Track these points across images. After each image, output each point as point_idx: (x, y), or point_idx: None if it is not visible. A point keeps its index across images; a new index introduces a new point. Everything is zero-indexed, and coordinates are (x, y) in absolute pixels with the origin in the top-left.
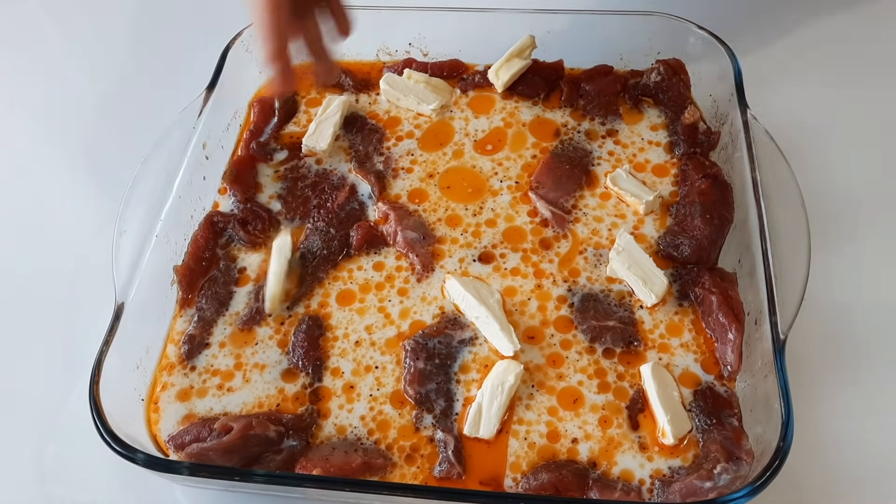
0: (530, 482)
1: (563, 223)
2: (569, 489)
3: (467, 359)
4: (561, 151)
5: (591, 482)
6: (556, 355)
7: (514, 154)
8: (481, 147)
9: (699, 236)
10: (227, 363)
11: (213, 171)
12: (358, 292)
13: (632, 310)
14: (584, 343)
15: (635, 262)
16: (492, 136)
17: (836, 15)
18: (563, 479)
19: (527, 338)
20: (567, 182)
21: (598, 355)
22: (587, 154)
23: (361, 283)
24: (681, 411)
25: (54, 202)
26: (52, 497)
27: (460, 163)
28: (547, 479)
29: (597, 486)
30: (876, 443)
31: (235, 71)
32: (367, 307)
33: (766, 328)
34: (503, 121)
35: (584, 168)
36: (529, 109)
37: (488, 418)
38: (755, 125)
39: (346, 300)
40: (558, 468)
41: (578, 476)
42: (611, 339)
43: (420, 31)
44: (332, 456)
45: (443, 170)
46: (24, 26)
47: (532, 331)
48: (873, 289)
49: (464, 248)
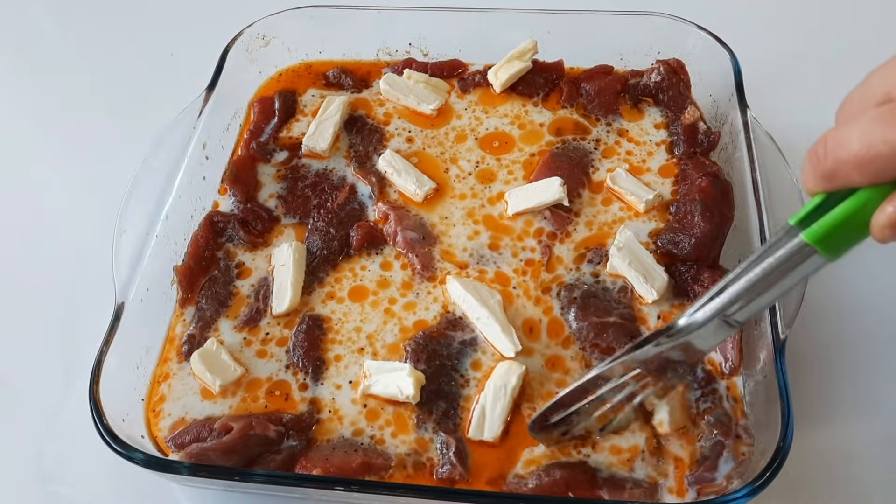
0: (542, 479)
1: (564, 223)
2: (579, 487)
3: (468, 360)
4: (560, 151)
5: (602, 481)
6: (555, 357)
7: (514, 153)
8: (482, 146)
9: (699, 234)
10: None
11: (213, 171)
12: (358, 293)
13: (632, 306)
14: (586, 340)
15: (636, 259)
16: (492, 135)
17: (836, 15)
18: (575, 477)
19: (527, 336)
20: (567, 181)
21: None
22: (587, 154)
23: (361, 284)
24: (683, 405)
25: (54, 202)
26: (52, 497)
27: (460, 163)
28: (560, 476)
29: (607, 486)
30: (876, 443)
31: (235, 71)
32: (368, 307)
33: (766, 328)
34: (504, 120)
35: (584, 168)
36: (529, 109)
37: (492, 420)
38: (755, 125)
39: (346, 300)
40: (570, 466)
41: (589, 475)
42: (612, 334)
43: (420, 31)
44: (332, 456)
45: (444, 169)
46: (23, 26)
47: (531, 327)
48: (873, 288)
49: (463, 249)
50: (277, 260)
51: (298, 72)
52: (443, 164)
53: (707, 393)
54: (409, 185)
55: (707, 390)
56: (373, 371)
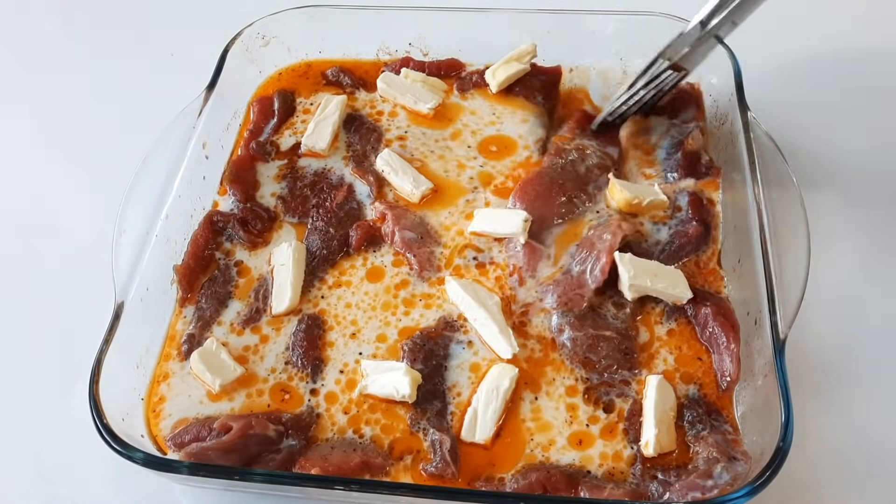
0: (519, 482)
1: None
2: (557, 489)
3: (464, 361)
4: (546, 172)
5: (581, 482)
6: (551, 361)
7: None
8: (479, 150)
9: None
10: None
11: (213, 171)
12: (357, 292)
13: (629, 322)
14: (579, 355)
15: (651, 274)
16: (489, 139)
17: (836, 15)
18: (552, 479)
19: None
20: (552, 206)
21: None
22: (579, 171)
23: (360, 283)
24: (670, 430)
25: (54, 202)
26: (52, 497)
27: (458, 163)
28: (535, 479)
29: (586, 486)
30: (876, 443)
31: (235, 71)
32: (366, 307)
33: (766, 328)
34: (498, 123)
35: (572, 194)
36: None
37: (484, 422)
38: (755, 125)
39: (345, 299)
40: (547, 468)
41: (568, 476)
42: (606, 349)
43: (420, 30)
44: (331, 455)
45: (442, 170)
46: (24, 26)
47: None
48: (874, 288)
49: (463, 249)
50: (277, 259)
51: (298, 71)
52: (442, 164)
53: (701, 418)
54: (406, 184)
55: (701, 415)
56: (370, 371)
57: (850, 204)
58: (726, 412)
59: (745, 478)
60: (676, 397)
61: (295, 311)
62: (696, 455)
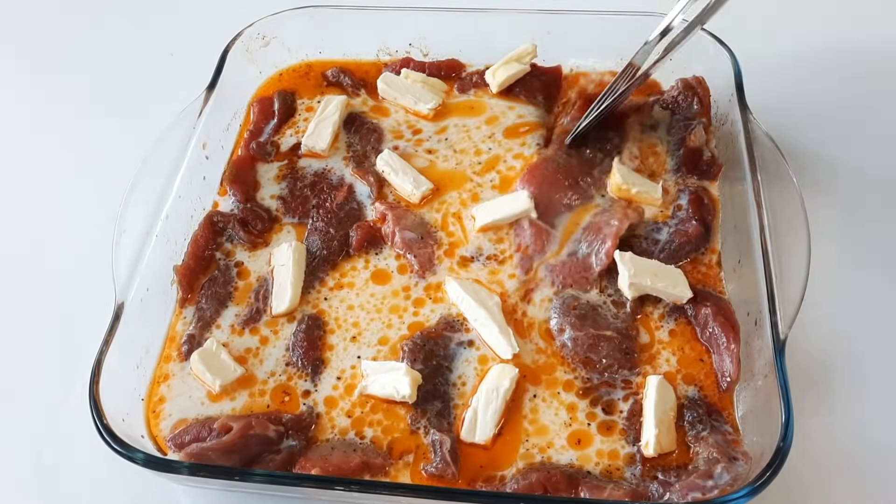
0: (519, 482)
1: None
2: (558, 489)
3: (465, 361)
4: (552, 158)
5: (582, 482)
6: (549, 364)
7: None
8: (477, 151)
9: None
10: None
11: (213, 171)
12: (357, 292)
13: (629, 322)
14: (580, 355)
15: (651, 273)
16: (490, 136)
17: (837, 16)
18: (552, 479)
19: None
20: (559, 192)
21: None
22: (584, 163)
23: (360, 283)
24: (671, 430)
25: (54, 202)
26: (52, 497)
27: (457, 163)
28: (536, 479)
29: (587, 487)
30: (876, 443)
31: (235, 71)
32: (366, 307)
33: (766, 328)
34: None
35: (578, 178)
36: (529, 112)
37: (484, 423)
38: (755, 125)
39: (345, 300)
40: (547, 469)
41: (568, 477)
42: (607, 348)
43: (420, 31)
44: (331, 456)
45: (441, 169)
46: (24, 26)
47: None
48: (874, 288)
49: (462, 250)
50: (277, 260)
51: (299, 72)
52: (441, 165)
53: (701, 418)
54: (406, 185)
55: (701, 415)
56: (370, 371)
57: (850, 204)
58: (727, 412)
59: (746, 478)
60: (677, 397)
61: (295, 312)
62: (697, 455)
